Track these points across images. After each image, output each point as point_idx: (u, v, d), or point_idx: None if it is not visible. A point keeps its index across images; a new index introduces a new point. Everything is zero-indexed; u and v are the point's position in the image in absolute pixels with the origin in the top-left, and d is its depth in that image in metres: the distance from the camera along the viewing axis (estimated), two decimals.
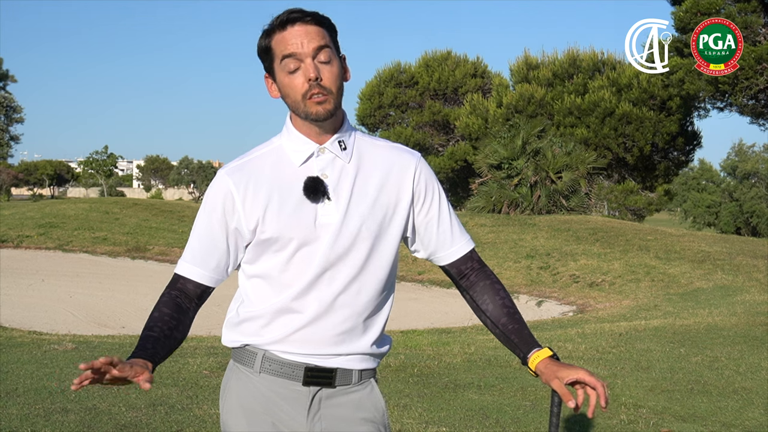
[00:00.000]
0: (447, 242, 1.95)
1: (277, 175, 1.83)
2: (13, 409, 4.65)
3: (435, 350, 7.09)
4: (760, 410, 5.32)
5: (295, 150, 1.85)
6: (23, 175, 46.09)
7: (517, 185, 22.85)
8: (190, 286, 1.87)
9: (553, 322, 10.52)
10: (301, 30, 1.77)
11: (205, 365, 6.10)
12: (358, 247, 1.82)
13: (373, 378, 1.92)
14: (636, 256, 15.08)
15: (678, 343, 7.67)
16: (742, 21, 18.18)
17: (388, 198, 1.87)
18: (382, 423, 1.91)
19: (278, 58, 1.79)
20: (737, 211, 49.45)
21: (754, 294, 11.45)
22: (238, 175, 1.84)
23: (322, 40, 1.78)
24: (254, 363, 1.85)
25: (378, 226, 1.84)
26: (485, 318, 1.95)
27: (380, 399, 1.91)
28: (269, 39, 1.81)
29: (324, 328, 1.81)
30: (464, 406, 5.21)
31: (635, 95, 26.90)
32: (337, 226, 1.80)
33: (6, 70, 50.33)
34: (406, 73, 34.30)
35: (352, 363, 1.85)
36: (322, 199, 1.81)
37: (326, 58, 1.78)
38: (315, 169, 1.83)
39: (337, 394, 1.85)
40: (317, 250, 1.80)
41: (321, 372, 1.83)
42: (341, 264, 1.82)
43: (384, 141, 1.95)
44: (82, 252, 19.36)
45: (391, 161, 1.90)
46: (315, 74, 1.76)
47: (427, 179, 1.92)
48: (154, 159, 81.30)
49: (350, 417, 1.86)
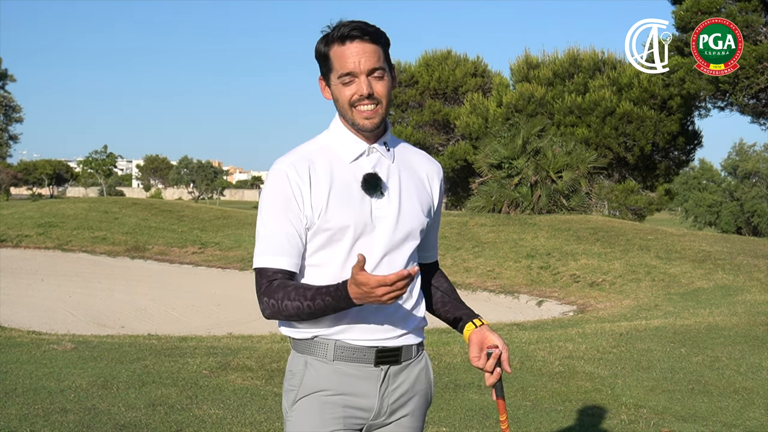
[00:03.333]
0: (431, 246, 2.22)
1: (332, 169, 1.98)
2: (12, 408, 4.64)
3: (435, 350, 7.07)
4: (760, 410, 5.31)
5: (346, 148, 2.01)
6: (22, 175, 46.10)
7: (518, 185, 22.82)
8: (281, 276, 1.95)
9: (553, 321, 10.50)
10: (359, 49, 1.93)
11: (204, 365, 6.09)
12: (410, 238, 2.03)
13: (424, 350, 2.14)
14: (636, 256, 15.06)
15: (679, 343, 7.66)
16: (742, 20, 18.15)
17: (426, 198, 2.10)
18: (431, 394, 2.16)
19: (335, 72, 1.96)
20: (738, 210, 49.45)
21: (754, 294, 11.44)
22: (299, 166, 1.97)
23: (377, 62, 1.95)
24: (327, 352, 1.99)
25: (422, 221, 2.07)
26: (435, 290, 2.20)
27: (431, 372, 2.15)
28: (328, 48, 1.97)
29: (387, 313, 1.99)
30: (464, 406, 5.19)
31: (636, 95, 26.88)
32: (393, 218, 2.00)
33: (6, 70, 50.30)
34: (406, 73, 34.25)
35: (410, 339, 2.06)
36: (377, 194, 1.98)
37: (380, 75, 1.96)
38: (367, 166, 2.01)
39: (402, 369, 2.05)
40: (376, 240, 1.98)
41: (389, 351, 2.02)
42: (398, 253, 2.01)
43: (412, 146, 2.18)
44: (81, 252, 19.34)
45: (424, 166, 2.13)
46: (368, 91, 1.94)
47: (442, 190, 2.17)
48: (153, 158, 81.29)
49: (410, 390, 2.07)
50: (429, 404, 2.15)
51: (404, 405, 2.06)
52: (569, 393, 5.67)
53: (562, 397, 5.54)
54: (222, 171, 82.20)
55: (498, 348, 2.04)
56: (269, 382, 5.70)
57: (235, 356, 6.48)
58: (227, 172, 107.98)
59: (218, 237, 20.24)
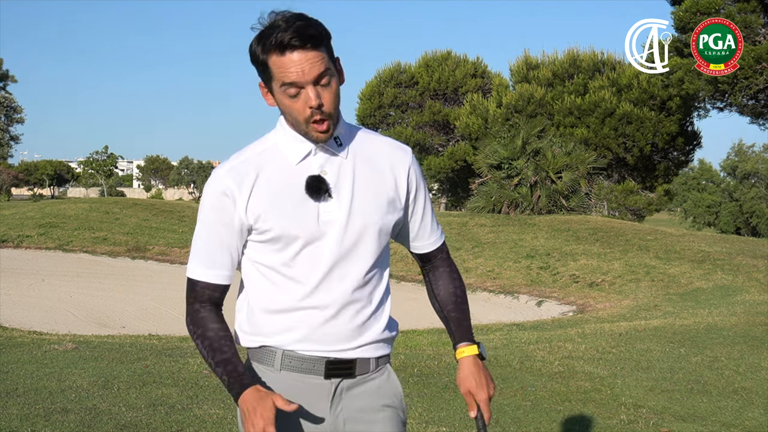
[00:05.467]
0: (426, 234, 2.02)
1: (275, 173, 1.84)
2: (13, 409, 4.65)
3: (435, 350, 7.08)
4: (759, 410, 5.32)
5: (292, 148, 1.85)
6: (23, 175, 46.10)
7: (517, 185, 22.85)
8: (210, 291, 1.88)
9: (553, 322, 10.52)
10: (301, 57, 1.74)
11: (204, 365, 6.10)
12: (365, 241, 1.85)
13: (388, 363, 1.97)
14: (636, 256, 15.08)
15: (678, 343, 7.67)
16: (741, 20, 18.17)
17: (386, 192, 1.90)
18: (401, 407, 1.96)
19: (277, 82, 1.78)
20: (737, 211, 49.49)
21: (753, 294, 11.46)
22: (235, 173, 1.83)
23: (322, 66, 1.76)
24: (274, 361, 1.87)
25: (380, 219, 1.87)
26: (435, 302, 2.04)
27: (397, 384, 1.97)
28: (266, 56, 1.78)
29: (341, 323, 1.84)
30: (464, 406, 5.20)
31: (635, 95, 26.90)
32: (343, 222, 1.82)
33: (6, 70, 50.38)
34: (406, 73, 34.30)
35: (369, 352, 1.89)
36: (324, 197, 1.82)
37: (326, 81, 1.78)
38: (314, 166, 1.84)
39: (358, 383, 1.89)
40: (324, 247, 1.82)
41: (341, 364, 1.86)
42: (351, 259, 1.84)
43: (376, 134, 1.97)
44: (82, 252, 19.36)
45: (387, 156, 1.92)
46: (317, 102, 1.76)
47: (417, 175, 1.96)
48: (154, 159, 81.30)
49: (371, 405, 1.90)
50: (404, 420, 1.97)
51: (366, 421, 1.89)
52: (569, 393, 5.68)
53: (562, 397, 5.55)
54: None
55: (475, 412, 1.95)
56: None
57: None
58: None
59: None
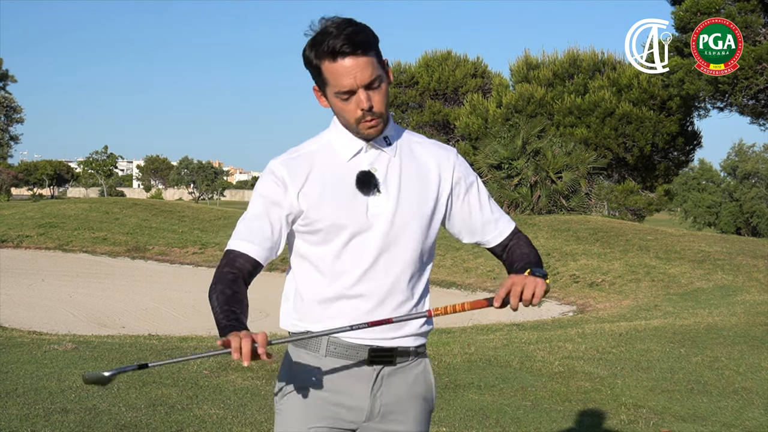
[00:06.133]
0: (491, 226, 2.12)
1: (328, 167, 1.97)
2: (13, 409, 4.65)
3: (435, 350, 7.08)
4: (760, 410, 5.32)
5: (344, 145, 1.98)
6: (23, 175, 46.12)
7: (517, 185, 22.85)
8: (242, 261, 1.94)
9: (553, 322, 10.51)
10: (353, 64, 1.86)
11: (205, 365, 6.09)
12: (410, 235, 1.97)
13: (425, 354, 2.08)
14: (636, 256, 15.08)
15: (678, 343, 7.67)
16: (742, 21, 18.16)
17: (431, 189, 2.02)
18: (431, 398, 2.10)
19: (332, 87, 1.90)
20: (737, 211, 49.49)
21: (754, 294, 11.46)
22: (291, 165, 1.96)
23: (372, 71, 1.89)
24: (320, 348, 1.98)
25: (425, 215, 2.00)
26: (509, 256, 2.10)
27: (431, 376, 2.10)
28: (319, 62, 1.89)
29: (384, 313, 1.95)
30: (464, 406, 5.21)
31: (635, 95, 26.90)
32: (390, 216, 1.95)
33: (6, 70, 50.38)
34: (406, 73, 34.28)
35: (409, 341, 2.00)
36: (373, 191, 1.95)
37: (377, 85, 1.90)
38: (365, 163, 1.97)
39: (397, 371, 2.01)
40: (371, 238, 1.94)
41: (383, 352, 1.97)
42: (395, 251, 1.96)
43: (422, 137, 2.11)
44: (82, 252, 19.37)
45: (432, 155, 2.05)
46: (368, 104, 1.89)
47: (464, 172, 2.07)
48: (154, 159, 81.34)
49: (405, 394, 2.02)
50: (431, 409, 2.11)
51: (400, 409, 2.01)
52: (569, 393, 5.68)
53: (562, 397, 5.55)
54: (222, 171, 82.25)
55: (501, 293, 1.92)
56: (270, 382, 5.71)
57: None
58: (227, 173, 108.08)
59: (218, 237, 20.25)
